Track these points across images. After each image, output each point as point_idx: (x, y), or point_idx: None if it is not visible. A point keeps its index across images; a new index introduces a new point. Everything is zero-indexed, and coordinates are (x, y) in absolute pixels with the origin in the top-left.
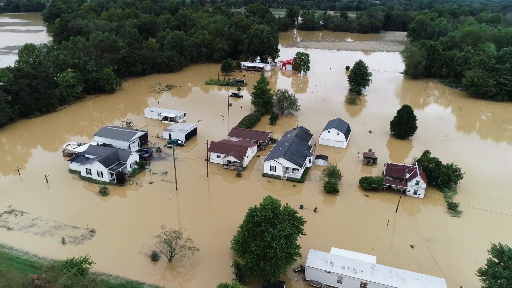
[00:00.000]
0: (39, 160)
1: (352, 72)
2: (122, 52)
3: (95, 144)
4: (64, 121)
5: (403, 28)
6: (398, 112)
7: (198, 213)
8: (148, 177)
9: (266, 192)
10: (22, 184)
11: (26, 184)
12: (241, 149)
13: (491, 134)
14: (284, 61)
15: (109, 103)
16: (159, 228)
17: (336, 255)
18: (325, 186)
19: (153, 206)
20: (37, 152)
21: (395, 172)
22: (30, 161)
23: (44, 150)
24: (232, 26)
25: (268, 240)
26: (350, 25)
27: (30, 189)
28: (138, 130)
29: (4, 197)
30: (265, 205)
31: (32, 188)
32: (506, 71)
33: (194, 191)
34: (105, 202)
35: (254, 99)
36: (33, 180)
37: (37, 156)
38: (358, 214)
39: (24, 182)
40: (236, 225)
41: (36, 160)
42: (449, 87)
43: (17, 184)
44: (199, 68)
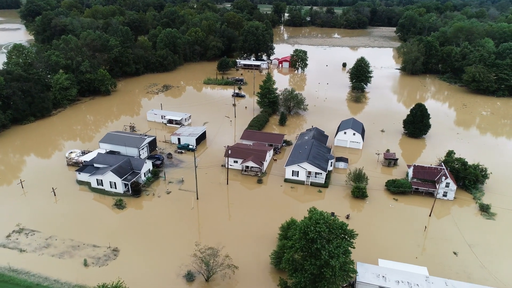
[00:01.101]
0: (41, 171)
1: (354, 69)
2: (115, 52)
3: (101, 151)
4: (60, 126)
5: (388, 23)
6: (411, 111)
7: (225, 225)
8: (163, 186)
9: (291, 199)
10: (27, 198)
11: (31, 198)
12: (259, 154)
13: (503, 131)
14: (280, 58)
15: (105, 105)
16: (188, 244)
17: (385, 267)
18: (354, 190)
19: (175, 218)
20: (37, 161)
21: (422, 174)
22: (30, 172)
23: (44, 159)
24: (224, 23)
25: (325, 258)
26: (337, 21)
27: (37, 204)
28: (147, 136)
29: (10, 214)
30: (316, 219)
31: (39, 203)
32: (507, 67)
33: (216, 200)
34: (122, 216)
35: (260, 99)
36: (38, 193)
37: (38, 166)
38: (392, 220)
39: (28, 196)
40: (269, 237)
41: (37, 170)
42: (448, 83)
43: (21, 199)
44: (193, 66)
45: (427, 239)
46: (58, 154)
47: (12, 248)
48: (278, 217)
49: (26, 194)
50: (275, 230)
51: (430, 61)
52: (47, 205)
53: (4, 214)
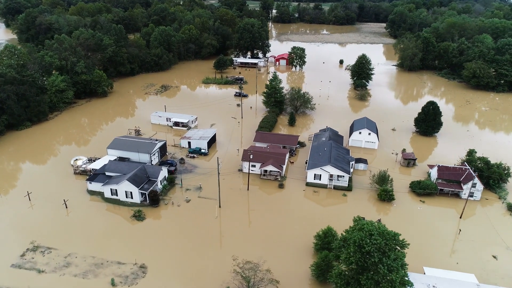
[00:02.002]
0: (46, 181)
1: (355, 66)
2: (109, 51)
3: (110, 158)
4: (59, 131)
5: (376, 19)
6: (423, 109)
7: (254, 235)
8: (180, 194)
9: (316, 204)
10: (36, 212)
11: (39, 211)
12: (278, 157)
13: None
14: (277, 56)
15: (103, 108)
16: (222, 257)
17: (433, 276)
18: (380, 193)
19: (201, 229)
20: (40, 170)
21: (447, 174)
22: (35, 183)
23: (48, 167)
24: (217, 20)
25: (384, 272)
26: (325, 17)
27: (48, 217)
28: (158, 140)
29: (21, 230)
30: (369, 230)
31: (50, 216)
32: (506, 62)
33: (238, 207)
34: (143, 228)
35: (266, 98)
36: (47, 206)
37: (42, 175)
38: (423, 224)
39: (36, 209)
40: (303, 246)
41: (42, 180)
42: (446, 79)
43: (29, 212)
44: (187, 65)
45: (463, 243)
46: (62, 161)
47: (29, 269)
48: (308, 224)
49: (34, 207)
50: (309, 239)
51: (427, 57)
52: (59, 219)
53: (14, 230)
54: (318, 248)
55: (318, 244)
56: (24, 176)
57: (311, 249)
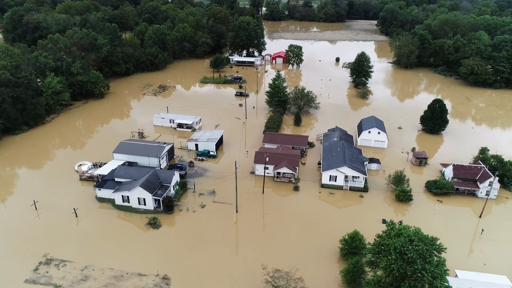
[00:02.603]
0: (50, 188)
1: (355, 64)
2: (104, 51)
3: (117, 163)
4: (57, 135)
5: (365, 16)
6: (429, 107)
7: (276, 240)
8: (193, 199)
9: (334, 207)
10: (44, 221)
11: (48, 221)
12: (292, 158)
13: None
14: (273, 54)
15: (101, 109)
16: (248, 265)
17: (466, 279)
18: (399, 194)
19: (220, 236)
20: (42, 177)
21: (463, 173)
22: (38, 190)
23: (51, 174)
24: (210, 18)
25: (429, 280)
26: (315, 14)
27: (57, 228)
28: (166, 143)
29: (30, 241)
30: (408, 235)
31: (59, 226)
32: (503, 59)
33: (256, 212)
34: (160, 236)
35: (270, 98)
36: (54, 215)
37: (45, 182)
38: (444, 224)
39: (44, 219)
40: (329, 251)
41: (45, 188)
42: (443, 76)
43: (37, 222)
44: (183, 64)
45: (485, 242)
46: (65, 167)
47: (45, 284)
48: (329, 228)
49: (41, 216)
50: (332, 243)
51: (423, 54)
52: (69, 228)
53: (24, 242)
54: (346, 253)
55: (346, 249)
56: (26, 183)
57: (337, 254)
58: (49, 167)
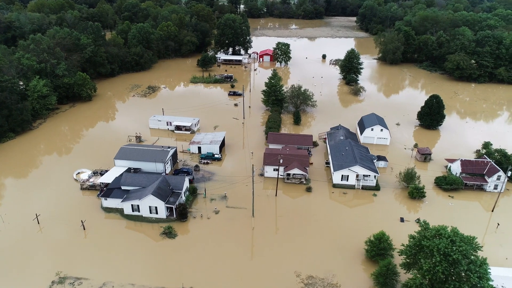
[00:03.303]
0: (48, 199)
1: (345, 61)
2: (88, 51)
3: (119, 170)
4: (47, 141)
5: (343, 13)
6: (427, 103)
7: (299, 244)
8: (204, 204)
9: (349, 207)
10: (47, 237)
11: (52, 236)
12: (302, 159)
13: (504, 116)
14: (260, 51)
15: (90, 113)
16: (278, 273)
17: (498, 275)
18: (412, 191)
19: (240, 242)
20: (38, 187)
21: (471, 168)
22: (35, 202)
23: (46, 183)
24: (193, 16)
25: (475, 280)
26: (294, 11)
27: (63, 242)
28: (170, 147)
29: (38, 260)
30: (448, 236)
31: (65, 240)
32: (486, 54)
33: (271, 215)
34: (177, 246)
35: (266, 97)
36: (58, 229)
37: (43, 193)
38: (459, 219)
39: (47, 233)
40: (353, 253)
41: (43, 199)
42: (429, 71)
43: (40, 238)
44: (168, 64)
45: (504, 237)
46: (62, 176)
47: None
48: (349, 229)
49: (44, 230)
50: (357, 245)
51: (407, 50)
52: (77, 242)
53: (32, 260)
54: (373, 254)
55: (373, 251)
56: (23, 195)
57: (361, 256)
58: (45, 177)
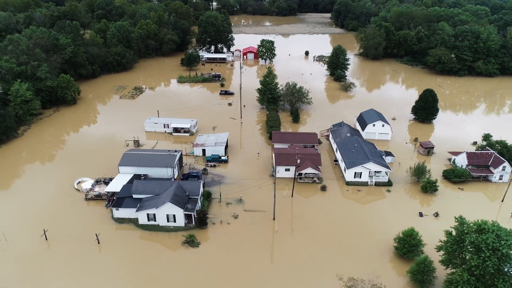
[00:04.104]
0: (51, 212)
1: (332, 57)
2: (68, 51)
3: (124, 177)
4: (35, 149)
5: (314, 9)
6: (421, 97)
7: (327, 245)
8: (219, 209)
9: (366, 204)
10: (58, 254)
11: (63, 253)
12: (314, 157)
13: (490, 107)
14: (243, 49)
15: (76, 117)
16: (320, 278)
17: None
18: (425, 185)
19: (268, 247)
20: (35, 199)
21: (477, 160)
22: (37, 216)
23: (45, 194)
24: (171, 13)
25: None
26: (268, 8)
27: (78, 259)
28: (176, 151)
29: (54, 281)
30: (494, 230)
31: (78, 257)
32: (466, 48)
33: (291, 217)
34: (203, 255)
35: (261, 95)
36: (67, 245)
37: (41, 205)
38: (474, 211)
39: (57, 250)
40: (381, 251)
41: (45, 212)
42: (410, 66)
43: (50, 256)
44: (150, 64)
45: None
46: (61, 185)
47: None
48: (371, 226)
49: (52, 247)
50: (383, 242)
51: (388, 45)
52: (93, 258)
53: (44, 281)
54: (405, 251)
55: (405, 248)
56: (22, 208)
57: (390, 253)
58: (43, 188)
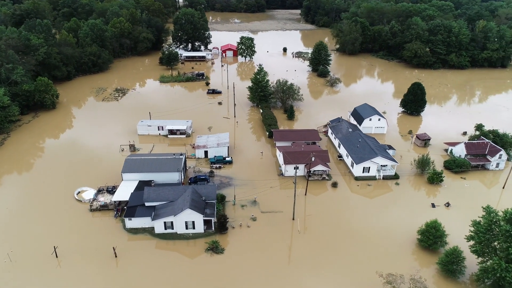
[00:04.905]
0: (56, 227)
1: (315, 53)
2: (41, 52)
3: (129, 184)
4: (22, 159)
5: (282, 6)
6: (410, 90)
7: (354, 241)
8: (235, 212)
9: (379, 197)
10: (71, 272)
11: (76, 271)
12: (322, 154)
13: (469, 98)
14: (221, 46)
15: (57, 122)
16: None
17: None
18: (432, 177)
19: (297, 248)
20: (35, 214)
21: (474, 150)
22: (39, 233)
23: (42, 207)
24: (143, 11)
25: None
26: (236, 5)
27: (96, 276)
28: (182, 154)
29: None
30: None
31: (97, 273)
32: (439, 42)
33: (309, 215)
34: (231, 262)
35: (252, 93)
36: (78, 260)
37: (43, 220)
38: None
39: (69, 268)
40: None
41: (48, 227)
42: (386, 60)
43: (61, 273)
44: (125, 63)
45: None
46: (61, 197)
47: None
48: (389, 220)
49: (63, 264)
50: (406, 235)
51: (364, 40)
52: (112, 273)
53: None
54: (430, 243)
55: (430, 239)
56: (23, 224)
57: (413, 245)
58: (41, 201)
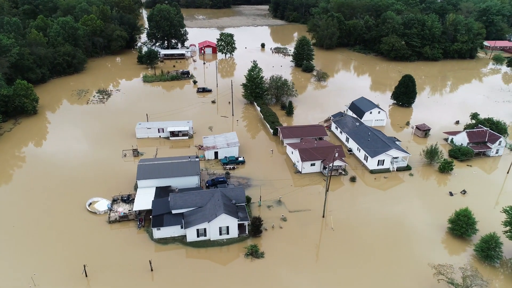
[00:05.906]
0: (75, 244)
1: (298, 48)
2: (14, 53)
3: (148, 191)
4: (14, 172)
5: (248, 1)
6: (402, 83)
7: (388, 234)
8: (259, 213)
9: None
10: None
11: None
12: (338, 150)
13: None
14: (199, 43)
15: (42, 129)
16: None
17: None
18: (443, 165)
19: (338, 246)
20: (50, 230)
21: (475, 138)
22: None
23: (57, 223)
24: (113, 8)
25: None
26: (202, 1)
27: None
28: (198, 157)
29: None
30: None
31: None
32: (414, 35)
33: (335, 211)
34: (275, 266)
35: (247, 90)
36: (109, 278)
37: (59, 238)
38: (492, 186)
39: (98, 285)
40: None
41: (67, 245)
42: (363, 54)
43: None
44: (99, 63)
45: None
46: (72, 209)
47: None
48: (414, 210)
49: (92, 283)
50: (434, 224)
51: (340, 35)
52: None
53: None
54: (463, 231)
55: (463, 227)
56: (38, 242)
57: (443, 233)
58: (51, 215)
